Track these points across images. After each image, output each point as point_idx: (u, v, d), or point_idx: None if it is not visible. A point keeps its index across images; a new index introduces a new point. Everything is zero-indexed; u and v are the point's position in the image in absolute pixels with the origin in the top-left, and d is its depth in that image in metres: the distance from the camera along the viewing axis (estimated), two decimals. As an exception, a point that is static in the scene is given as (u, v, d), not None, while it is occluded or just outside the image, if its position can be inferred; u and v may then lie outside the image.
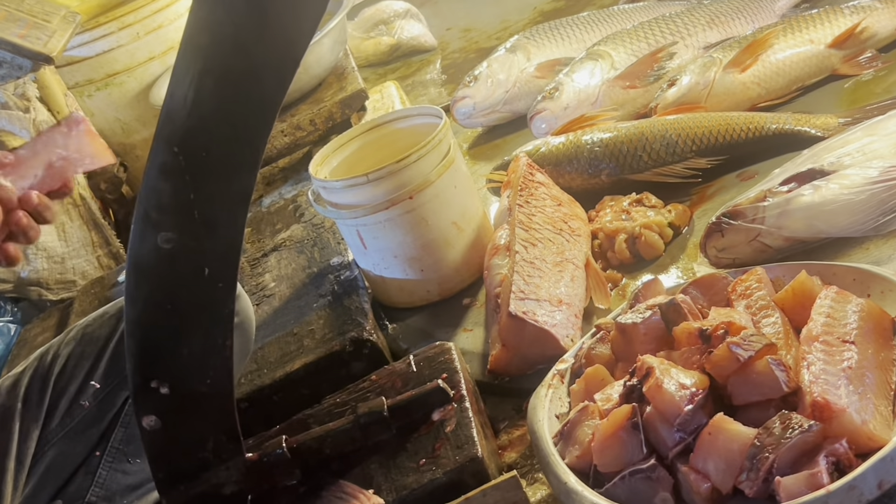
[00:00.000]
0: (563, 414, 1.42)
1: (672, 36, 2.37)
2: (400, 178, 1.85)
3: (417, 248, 1.91)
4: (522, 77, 2.58)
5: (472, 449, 1.36)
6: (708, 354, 1.26)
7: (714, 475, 1.17)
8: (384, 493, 1.35)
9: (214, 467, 1.37)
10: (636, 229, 1.83)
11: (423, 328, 1.92)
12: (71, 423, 1.50)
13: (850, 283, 1.39)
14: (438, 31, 3.63)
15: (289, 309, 1.96)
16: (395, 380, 1.56)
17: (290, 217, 2.35)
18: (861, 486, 1.08)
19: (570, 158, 2.09)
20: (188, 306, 1.27)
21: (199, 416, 1.34)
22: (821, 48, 2.13)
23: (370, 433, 1.43)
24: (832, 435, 1.14)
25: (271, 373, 1.77)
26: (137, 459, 1.48)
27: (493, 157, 2.52)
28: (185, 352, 1.29)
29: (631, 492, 1.21)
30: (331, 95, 2.72)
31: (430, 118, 2.02)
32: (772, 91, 2.13)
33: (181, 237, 1.22)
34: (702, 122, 2.01)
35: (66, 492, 1.45)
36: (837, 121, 1.92)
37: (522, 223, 1.82)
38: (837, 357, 1.23)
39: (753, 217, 1.60)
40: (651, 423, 1.23)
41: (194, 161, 1.19)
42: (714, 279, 1.49)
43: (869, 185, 1.55)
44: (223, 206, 1.23)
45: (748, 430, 1.17)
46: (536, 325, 1.61)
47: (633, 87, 2.31)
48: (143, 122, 3.02)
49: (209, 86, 1.16)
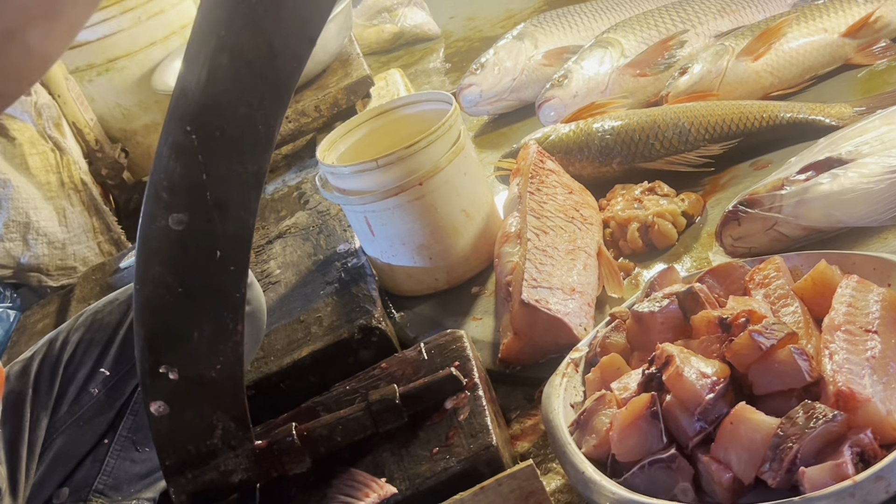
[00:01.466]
0: (579, 403, 1.40)
1: (683, 24, 2.35)
2: (410, 164, 1.82)
3: (426, 235, 1.88)
4: (530, 65, 2.55)
5: (487, 437, 1.34)
6: (728, 343, 1.24)
7: (736, 465, 1.14)
8: (396, 482, 1.33)
9: (223, 454, 1.35)
10: (649, 218, 1.81)
11: (431, 317, 1.90)
12: (79, 410, 1.47)
13: (871, 272, 1.36)
14: (442, 20, 3.60)
15: (295, 296, 1.94)
16: (406, 367, 1.54)
17: (295, 204, 2.32)
18: (889, 477, 1.06)
19: (581, 146, 2.06)
20: (199, 289, 1.24)
21: (208, 402, 1.31)
22: (834, 37, 2.11)
23: (382, 421, 1.40)
24: (857, 425, 1.12)
25: (278, 360, 1.75)
26: (146, 448, 1.46)
27: (500, 145, 2.49)
28: (195, 336, 1.26)
29: (650, 482, 1.19)
30: (336, 82, 2.70)
31: (440, 104, 1.99)
32: (785, 80, 2.11)
33: (193, 219, 1.19)
34: (715, 111, 1.99)
35: (74, 479, 1.42)
36: (852, 110, 1.89)
37: (534, 210, 1.80)
38: (861, 346, 1.21)
39: (770, 206, 1.58)
40: (671, 412, 1.21)
41: (207, 141, 1.16)
42: (731, 268, 1.47)
43: (888, 174, 1.53)
44: (236, 187, 1.20)
45: (771, 419, 1.14)
46: (549, 314, 1.58)
47: (643, 75, 2.28)
48: (144, 108, 2.99)
49: (224, 63, 1.13)
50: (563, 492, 1.36)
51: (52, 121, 2.64)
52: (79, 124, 2.81)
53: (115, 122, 2.99)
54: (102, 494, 1.44)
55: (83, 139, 2.83)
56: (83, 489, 1.42)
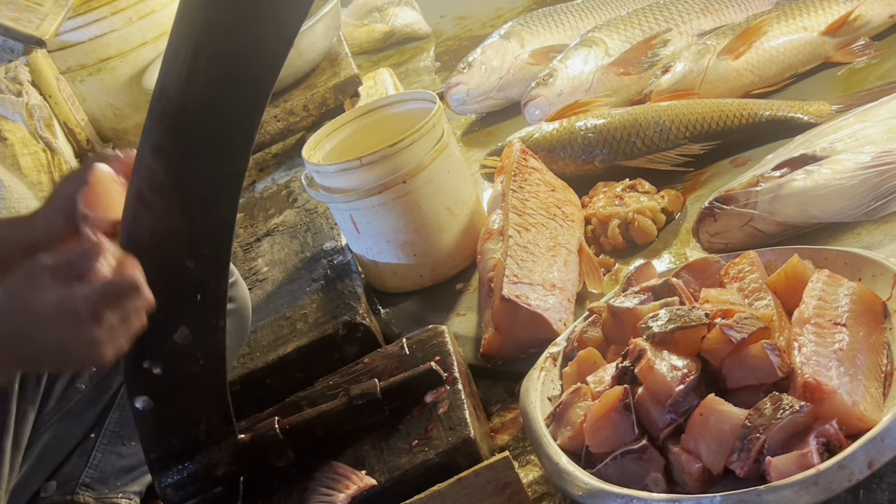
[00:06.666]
0: (556, 396, 1.42)
1: (666, 23, 2.37)
2: (393, 162, 1.84)
3: (410, 232, 1.91)
4: (516, 64, 2.58)
5: (465, 430, 1.36)
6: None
7: (705, 456, 1.17)
8: (376, 474, 1.36)
9: (207, 448, 1.37)
10: (629, 215, 1.84)
11: (415, 313, 1.92)
12: (67, 405, 1.49)
13: (842, 266, 1.39)
14: (432, 19, 3.62)
15: (282, 293, 1.96)
16: (388, 362, 1.56)
17: (284, 202, 2.35)
18: (851, 466, 1.08)
19: (564, 144, 2.09)
20: (181, 286, 1.26)
21: (192, 396, 1.34)
22: (814, 36, 2.14)
23: (363, 415, 1.43)
24: (823, 416, 1.15)
25: (264, 356, 1.77)
26: (132, 442, 1.48)
27: (487, 143, 2.51)
28: (178, 332, 1.28)
29: (622, 472, 1.21)
30: (324, 81, 2.72)
31: (424, 103, 2.02)
32: (765, 78, 2.14)
33: (174, 217, 1.22)
34: (695, 109, 2.01)
35: (61, 473, 1.45)
36: (830, 108, 1.92)
37: (516, 208, 1.82)
38: (829, 339, 1.23)
39: (746, 202, 1.61)
40: (643, 404, 1.24)
41: (187, 141, 1.19)
42: (707, 263, 1.49)
43: (861, 170, 1.55)
44: (217, 186, 1.22)
45: (739, 410, 1.17)
46: (529, 309, 1.61)
47: (627, 73, 2.31)
48: (135, 108, 3.01)
49: (202, 64, 1.15)
50: (539, 483, 1.39)
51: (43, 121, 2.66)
52: (70, 124, 2.83)
53: (107, 122, 3.01)
54: (89, 488, 1.46)
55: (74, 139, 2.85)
56: (70, 483, 1.45)
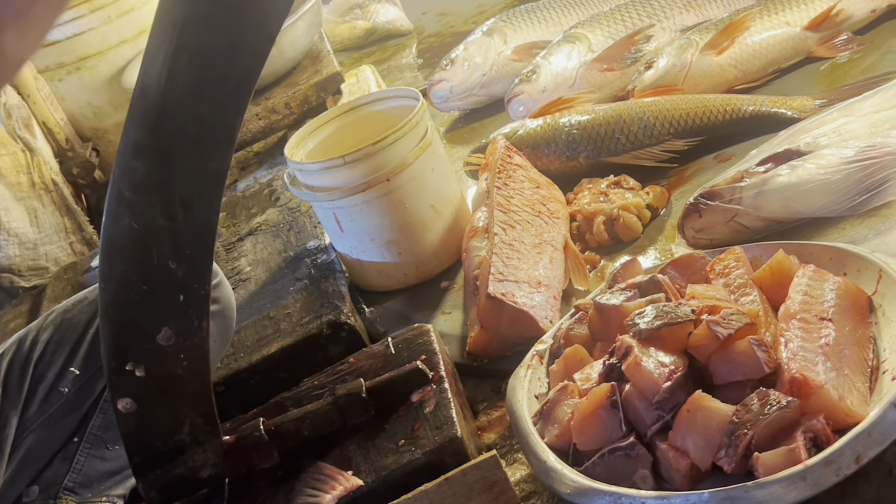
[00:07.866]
0: (543, 394, 1.42)
1: (649, 18, 2.37)
2: (377, 160, 1.83)
3: (395, 230, 1.90)
4: (499, 60, 2.57)
5: (452, 429, 1.36)
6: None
7: (693, 452, 1.17)
8: (363, 475, 1.35)
9: (191, 450, 1.36)
10: (614, 211, 1.83)
11: (400, 311, 1.91)
12: (49, 409, 1.47)
13: (827, 261, 1.39)
14: (414, 15, 3.61)
15: (265, 293, 1.95)
16: (374, 362, 1.55)
17: (266, 201, 2.33)
18: (838, 461, 1.08)
19: (548, 141, 2.09)
20: (163, 287, 1.25)
21: (175, 398, 1.32)
22: (797, 31, 2.14)
23: (349, 415, 1.42)
24: (810, 411, 1.15)
25: (248, 356, 1.76)
26: (116, 446, 1.46)
27: (471, 140, 2.51)
28: (161, 334, 1.27)
29: (610, 469, 1.21)
30: (306, 79, 2.70)
31: (407, 100, 2.01)
32: (748, 73, 2.14)
33: (156, 217, 1.20)
34: (679, 105, 2.01)
35: (44, 477, 1.43)
36: (813, 102, 1.92)
37: (501, 205, 1.81)
38: (815, 334, 1.23)
39: (730, 198, 1.61)
40: (630, 401, 1.23)
41: (169, 140, 1.17)
42: (692, 259, 1.49)
43: (845, 165, 1.55)
44: (199, 185, 1.21)
45: (727, 407, 1.17)
46: (515, 307, 1.60)
47: (610, 69, 2.31)
48: (115, 107, 2.98)
49: (183, 62, 1.13)
50: (527, 481, 1.38)
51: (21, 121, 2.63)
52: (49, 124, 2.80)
53: (86, 121, 2.98)
54: (72, 492, 1.45)
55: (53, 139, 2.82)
56: (53, 487, 1.43)
